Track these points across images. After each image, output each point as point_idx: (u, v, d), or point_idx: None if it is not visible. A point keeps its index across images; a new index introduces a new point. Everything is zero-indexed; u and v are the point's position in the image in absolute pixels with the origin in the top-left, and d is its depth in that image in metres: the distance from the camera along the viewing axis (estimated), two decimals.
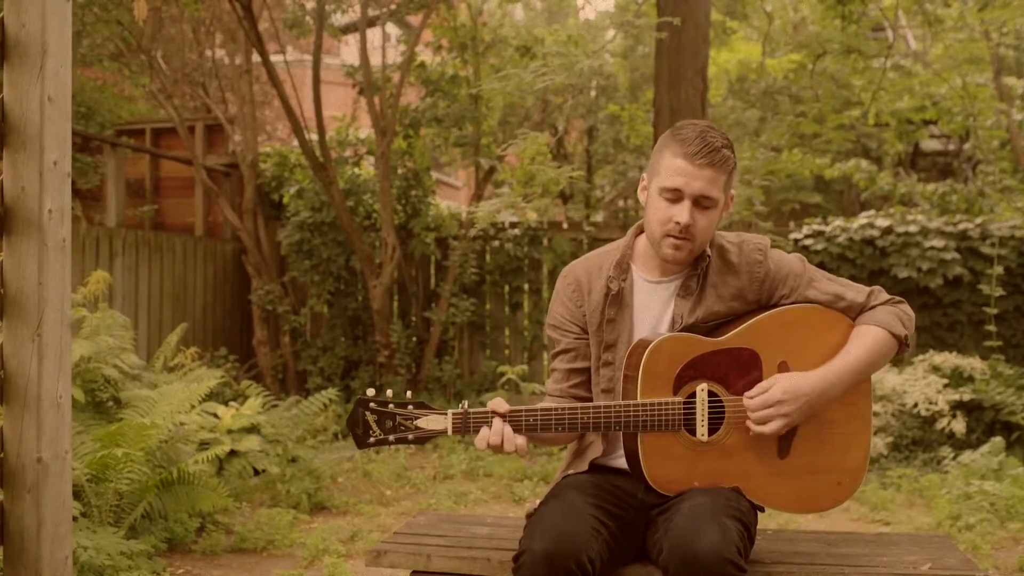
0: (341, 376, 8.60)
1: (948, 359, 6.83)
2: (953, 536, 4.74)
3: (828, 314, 2.32)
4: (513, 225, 8.80)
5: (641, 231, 2.40)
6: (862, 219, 8.04)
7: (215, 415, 5.62)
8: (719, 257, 2.34)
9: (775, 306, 2.33)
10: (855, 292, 2.35)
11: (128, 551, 3.88)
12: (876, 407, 6.56)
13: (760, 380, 2.24)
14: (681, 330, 2.28)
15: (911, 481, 5.83)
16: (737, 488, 2.21)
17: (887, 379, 6.73)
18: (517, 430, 2.15)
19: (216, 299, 8.71)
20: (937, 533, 2.89)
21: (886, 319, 2.30)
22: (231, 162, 8.98)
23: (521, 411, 2.16)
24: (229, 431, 5.59)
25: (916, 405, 6.48)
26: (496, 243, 8.76)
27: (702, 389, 2.21)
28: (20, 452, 2.10)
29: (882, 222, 7.91)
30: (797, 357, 2.26)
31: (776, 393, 2.19)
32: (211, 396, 7.11)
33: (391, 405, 2.13)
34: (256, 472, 5.55)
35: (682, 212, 2.22)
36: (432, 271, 8.92)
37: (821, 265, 7.97)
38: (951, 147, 14.05)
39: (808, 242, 8.04)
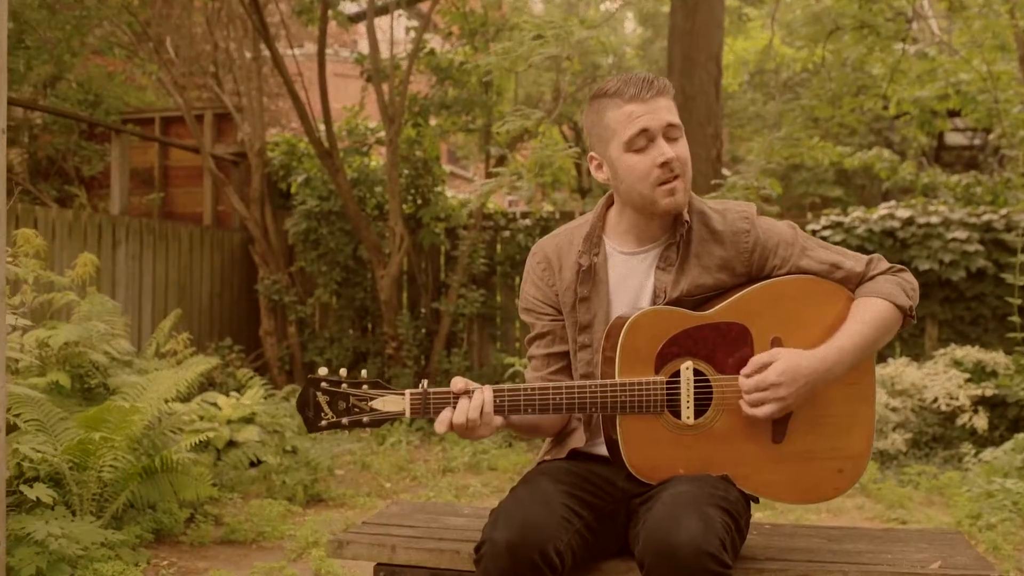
0: (348, 367, 8.42)
1: (970, 353, 6.59)
2: (973, 535, 4.53)
3: (824, 285, 2.12)
4: (524, 215, 8.63)
5: (611, 203, 2.21)
6: (882, 210, 7.80)
7: (215, 405, 5.49)
8: (702, 224, 2.13)
9: (767, 278, 2.12)
10: (853, 260, 2.15)
11: (108, 541, 3.75)
12: (895, 402, 6.33)
13: (751, 358, 2.04)
14: (666, 304, 2.08)
15: (930, 478, 5.61)
16: (726, 476, 2.01)
17: (907, 373, 6.50)
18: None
19: (223, 289, 8.59)
20: (949, 530, 2.68)
21: (889, 289, 2.10)
22: (240, 151, 8.87)
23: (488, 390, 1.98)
24: (228, 421, 5.46)
25: (936, 400, 6.25)
26: (507, 233, 8.59)
27: (687, 367, 2.01)
28: None
29: (903, 213, 7.67)
30: (792, 332, 2.06)
31: (771, 375, 1.99)
32: (212, 386, 7.02)
33: (344, 385, 1.96)
34: (254, 463, 5.42)
35: (661, 149, 2.03)
36: (442, 261, 8.77)
37: None
38: (976, 141, 13.74)
39: (827, 233, 7.80)
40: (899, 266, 2.18)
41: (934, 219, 7.57)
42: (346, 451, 6.37)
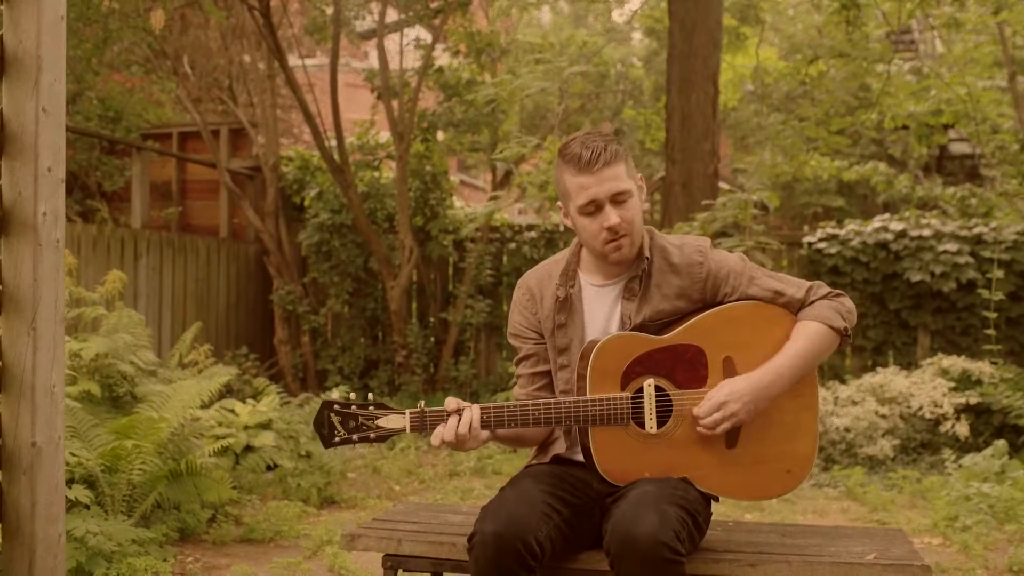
0: (360, 375, 8.78)
1: (956, 363, 6.86)
2: (948, 536, 4.80)
3: (770, 310, 2.43)
4: (529, 227, 8.93)
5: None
6: (876, 223, 8.07)
7: (232, 411, 5.81)
8: (662, 258, 2.45)
9: (720, 303, 2.43)
10: (794, 288, 2.45)
11: (138, 538, 4.06)
12: (883, 410, 6.60)
13: (706, 375, 2.35)
14: (631, 329, 2.39)
15: (913, 483, 5.87)
16: (686, 478, 2.32)
17: (895, 382, 6.77)
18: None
19: (239, 299, 8.92)
20: (891, 528, 2.97)
21: (825, 313, 2.40)
22: (254, 165, 9.20)
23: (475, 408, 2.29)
24: (246, 427, 5.77)
25: (922, 408, 6.52)
26: (512, 245, 8.89)
27: (649, 384, 2.33)
28: (16, 437, 2.26)
29: (896, 226, 7.94)
30: (741, 352, 2.37)
31: (721, 396, 2.30)
32: (230, 393, 7.34)
33: (353, 407, 2.28)
34: (270, 467, 5.73)
35: (606, 216, 2.34)
36: (449, 273, 9.08)
37: (835, 268, 8.02)
38: (978, 150, 13.95)
39: (822, 245, 8.08)
40: (837, 291, 2.48)
41: (926, 232, 7.84)
42: (358, 456, 6.68)
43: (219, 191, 9.30)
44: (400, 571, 2.51)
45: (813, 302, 2.43)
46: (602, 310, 2.46)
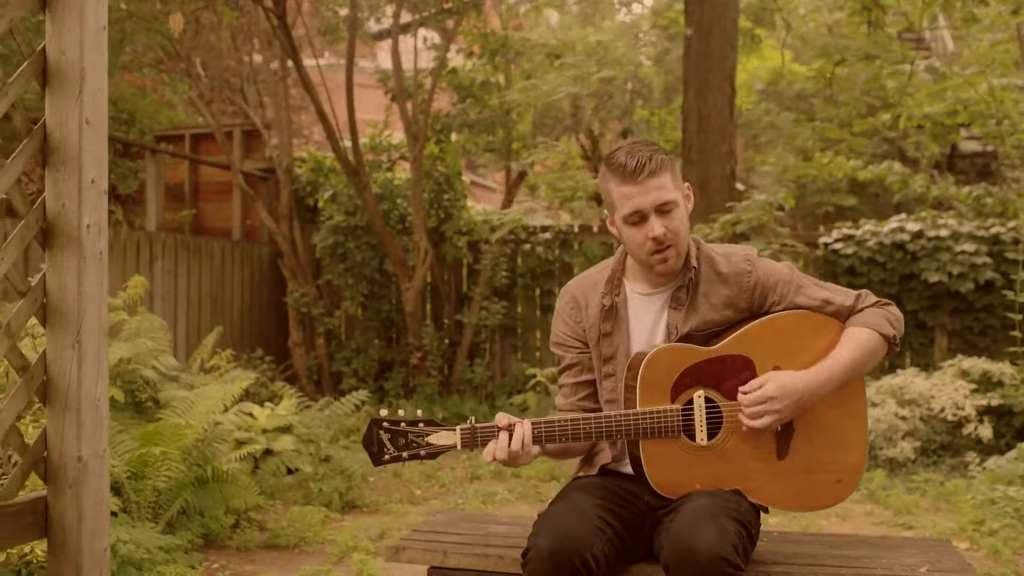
0: (375, 377, 8.76)
1: (977, 364, 6.82)
2: (975, 541, 4.77)
3: (818, 319, 2.41)
4: (544, 229, 8.90)
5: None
6: (892, 223, 8.03)
7: (251, 415, 5.79)
8: (709, 267, 2.43)
9: (767, 313, 2.41)
10: (843, 296, 2.43)
11: (165, 545, 4.04)
12: (904, 411, 6.57)
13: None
14: (678, 340, 2.37)
15: (936, 486, 5.85)
16: (737, 490, 2.30)
17: (915, 384, 6.74)
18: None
19: (253, 301, 8.91)
20: (940, 538, 2.95)
21: (875, 320, 2.38)
22: (268, 167, 9.18)
23: (527, 424, 2.27)
24: (264, 431, 5.75)
25: (943, 410, 6.48)
26: (527, 247, 8.87)
27: (699, 396, 2.31)
28: (62, 451, 2.25)
29: (913, 226, 7.90)
30: (790, 361, 2.35)
31: (768, 390, 2.28)
32: (247, 396, 7.32)
33: (403, 424, 2.25)
34: (290, 471, 5.71)
35: (652, 227, 2.32)
36: (464, 274, 9.06)
37: (851, 269, 7.99)
38: (990, 148, 13.89)
39: (838, 246, 8.06)
40: (885, 300, 2.46)
41: (943, 232, 7.81)
42: None
43: (231, 193, 9.29)
44: None
45: (862, 309, 2.41)
46: (648, 319, 2.44)
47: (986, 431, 6.26)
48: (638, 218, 2.34)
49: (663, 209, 2.34)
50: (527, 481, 6.20)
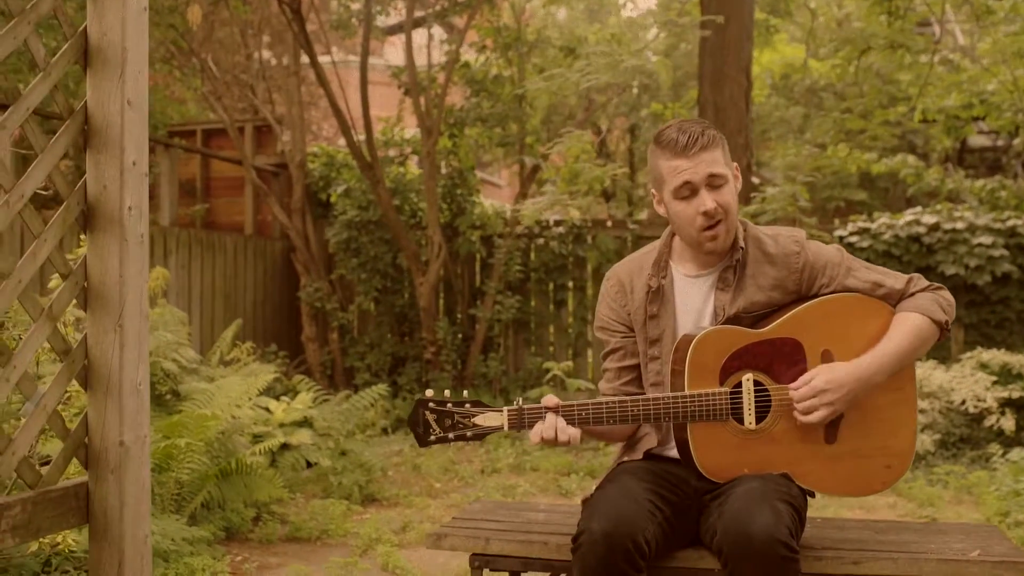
0: (388, 372, 8.74)
1: (996, 356, 6.79)
2: (1002, 532, 4.74)
3: (868, 302, 2.37)
4: (558, 223, 8.87)
5: (675, 232, 2.48)
6: (908, 216, 8.00)
7: (267, 409, 5.77)
8: (756, 248, 2.40)
9: (815, 296, 2.38)
10: (894, 279, 2.40)
11: (190, 537, 4.02)
12: (923, 404, 6.54)
13: (804, 369, 2.30)
14: (724, 322, 2.34)
15: (959, 478, 5.82)
16: (786, 474, 2.27)
17: (934, 376, 6.71)
18: (570, 422, 2.24)
19: (266, 296, 8.89)
20: (983, 524, 2.92)
21: (926, 305, 2.35)
22: (280, 162, 9.17)
23: (574, 405, 2.24)
24: (281, 424, 5.73)
25: (964, 402, 6.45)
26: (541, 241, 8.84)
27: (748, 379, 2.28)
28: (104, 436, 2.22)
29: (929, 219, 7.87)
30: (840, 345, 2.32)
31: (819, 383, 2.25)
32: (263, 390, 7.31)
33: (449, 404, 2.22)
34: (308, 464, 5.69)
35: (703, 201, 2.30)
36: (477, 269, 9.03)
37: (867, 263, 7.94)
38: (999, 143, 13.85)
39: (853, 239, 8.02)
40: (937, 284, 2.42)
41: (959, 224, 7.77)
42: (394, 452, 6.64)
43: (243, 188, 9.27)
44: (486, 571, 2.46)
45: (913, 294, 2.37)
46: (695, 300, 2.41)
47: (1008, 423, 6.23)
48: (688, 191, 2.31)
49: (714, 183, 2.31)
50: (546, 474, 6.17)
